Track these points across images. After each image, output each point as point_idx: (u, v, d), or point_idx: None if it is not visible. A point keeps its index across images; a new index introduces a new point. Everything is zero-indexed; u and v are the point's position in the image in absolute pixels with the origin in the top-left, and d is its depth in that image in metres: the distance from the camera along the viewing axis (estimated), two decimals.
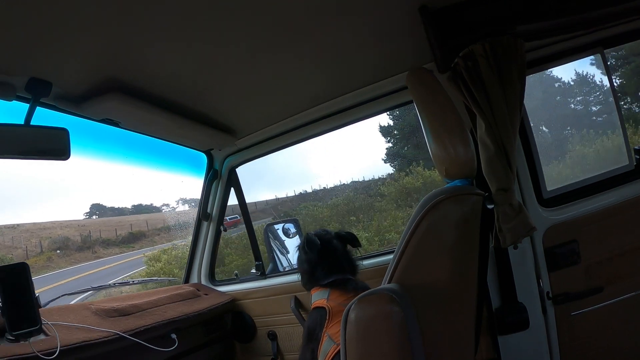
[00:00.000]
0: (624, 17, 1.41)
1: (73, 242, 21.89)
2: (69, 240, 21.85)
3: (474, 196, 1.07)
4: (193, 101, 1.67)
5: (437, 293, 1.00)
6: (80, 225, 24.53)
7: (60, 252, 20.47)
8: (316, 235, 1.64)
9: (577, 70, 9.96)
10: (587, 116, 9.22)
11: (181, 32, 1.21)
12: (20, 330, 1.27)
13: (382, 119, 14.43)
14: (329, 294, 1.52)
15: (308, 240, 1.62)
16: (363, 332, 0.96)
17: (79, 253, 21.01)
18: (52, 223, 24.50)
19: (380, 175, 14.29)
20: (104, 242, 22.81)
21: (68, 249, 21.13)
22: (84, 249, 21.62)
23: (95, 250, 21.81)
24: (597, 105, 9.21)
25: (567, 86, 9.87)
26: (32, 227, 23.29)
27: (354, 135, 18.15)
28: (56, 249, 20.75)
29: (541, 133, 7.59)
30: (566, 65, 1.66)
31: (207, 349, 2.06)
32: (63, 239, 21.76)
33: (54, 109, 1.45)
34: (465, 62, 1.29)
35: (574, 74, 9.76)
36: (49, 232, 22.98)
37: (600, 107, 8.97)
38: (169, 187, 35.36)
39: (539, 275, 1.58)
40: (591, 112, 9.48)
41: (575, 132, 8.96)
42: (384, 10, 1.31)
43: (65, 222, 24.88)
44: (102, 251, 21.86)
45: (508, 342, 1.59)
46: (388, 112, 12.60)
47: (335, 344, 1.37)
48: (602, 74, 9.20)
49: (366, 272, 1.84)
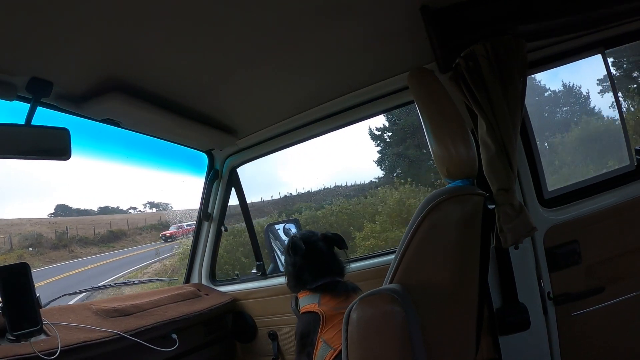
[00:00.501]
0: (626, 17, 1.41)
1: (47, 239, 20.07)
2: (42, 237, 19.98)
3: (475, 196, 1.07)
4: (194, 101, 1.67)
5: (438, 293, 1.00)
6: (52, 223, 22.62)
7: (33, 250, 18.81)
8: (302, 238, 1.62)
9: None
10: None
11: (182, 31, 1.21)
12: (21, 331, 1.27)
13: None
14: (319, 298, 1.50)
15: (292, 244, 1.60)
16: (365, 332, 0.96)
17: (54, 251, 19.29)
18: (20, 220, 22.62)
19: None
20: (81, 240, 21.10)
21: (42, 246, 19.41)
22: (59, 247, 19.87)
23: (72, 249, 20.17)
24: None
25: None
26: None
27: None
28: (28, 247, 19.15)
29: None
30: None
31: (208, 349, 2.06)
32: (35, 236, 19.86)
33: (54, 109, 1.45)
34: (467, 62, 1.29)
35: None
36: (18, 228, 21.15)
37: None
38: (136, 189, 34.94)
39: (540, 276, 1.58)
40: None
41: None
42: (385, 10, 1.31)
43: (35, 220, 22.85)
44: (80, 250, 20.22)
45: (509, 342, 1.59)
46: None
47: (332, 349, 1.36)
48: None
49: (367, 273, 1.84)
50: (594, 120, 8.32)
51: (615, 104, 1.78)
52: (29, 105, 1.31)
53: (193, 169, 2.35)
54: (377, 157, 13.32)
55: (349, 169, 20.20)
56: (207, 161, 2.25)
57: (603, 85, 7.94)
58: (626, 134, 1.69)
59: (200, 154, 2.21)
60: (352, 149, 17.28)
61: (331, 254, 1.62)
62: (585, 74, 7.91)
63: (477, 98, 1.28)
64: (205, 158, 2.24)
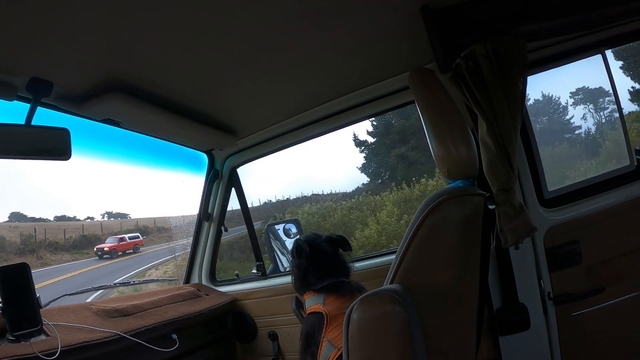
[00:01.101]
0: (627, 17, 1.41)
1: (10, 243, 18.28)
2: (4, 241, 18.35)
3: (475, 197, 1.07)
4: (194, 101, 1.67)
5: (439, 293, 1.00)
6: (12, 227, 20.28)
7: None
8: (306, 240, 1.64)
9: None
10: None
11: (182, 31, 1.21)
12: (21, 331, 1.27)
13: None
14: (324, 298, 1.51)
15: (297, 246, 1.63)
16: (365, 332, 0.96)
17: (20, 257, 17.12)
18: None
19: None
20: (50, 245, 19.10)
21: (4, 251, 17.78)
22: (25, 252, 17.93)
23: (41, 254, 18.22)
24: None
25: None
26: None
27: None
28: None
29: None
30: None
31: (208, 349, 2.06)
32: None
33: (54, 109, 1.45)
34: (467, 62, 1.29)
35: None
36: None
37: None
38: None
39: (540, 276, 1.58)
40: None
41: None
42: (385, 10, 1.31)
43: None
44: (50, 257, 18.35)
45: (509, 342, 1.59)
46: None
47: (336, 349, 1.37)
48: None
49: (367, 273, 1.84)
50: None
51: (616, 104, 1.78)
52: (29, 105, 1.31)
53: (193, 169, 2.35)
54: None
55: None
56: (207, 161, 2.25)
57: (575, 98, 7.94)
58: (626, 134, 1.70)
59: (200, 154, 2.21)
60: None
61: (335, 255, 1.64)
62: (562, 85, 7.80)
63: (478, 98, 1.28)
64: (205, 158, 2.24)
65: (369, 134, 12.90)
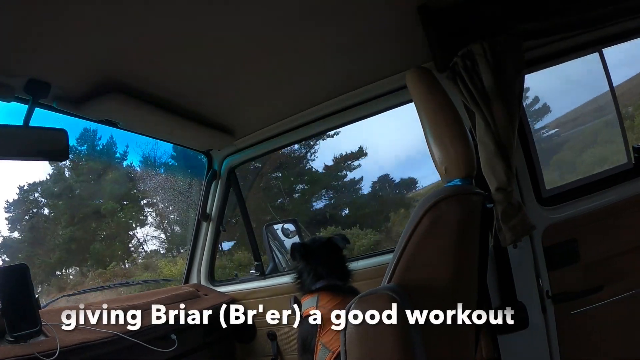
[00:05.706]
0: (624, 16, 1.41)
1: None
2: None
3: (473, 195, 1.07)
4: (192, 101, 1.67)
5: (436, 292, 1.00)
6: None
7: None
8: (302, 243, 1.70)
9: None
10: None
11: (180, 32, 1.21)
12: (20, 332, 1.27)
13: None
14: (317, 299, 1.55)
15: (292, 249, 1.68)
16: (363, 332, 0.96)
17: None
18: None
19: None
20: None
21: None
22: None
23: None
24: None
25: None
26: None
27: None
28: None
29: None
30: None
31: (207, 349, 2.06)
32: None
33: (52, 110, 1.44)
34: (464, 61, 1.29)
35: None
36: None
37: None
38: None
39: (539, 274, 1.58)
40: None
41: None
42: (382, 9, 1.31)
43: None
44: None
45: (508, 341, 1.59)
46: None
47: (330, 352, 1.39)
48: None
49: (366, 272, 1.84)
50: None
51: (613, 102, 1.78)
52: (27, 106, 1.30)
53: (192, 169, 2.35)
54: None
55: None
56: (205, 162, 2.25)
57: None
58: (624, 132, 1.70)
59: (199, 154, 2.21)
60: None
61: (331, 258, 1.65)
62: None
63: (475, 97, 1.28)
64: (204, 158, 2.24)
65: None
